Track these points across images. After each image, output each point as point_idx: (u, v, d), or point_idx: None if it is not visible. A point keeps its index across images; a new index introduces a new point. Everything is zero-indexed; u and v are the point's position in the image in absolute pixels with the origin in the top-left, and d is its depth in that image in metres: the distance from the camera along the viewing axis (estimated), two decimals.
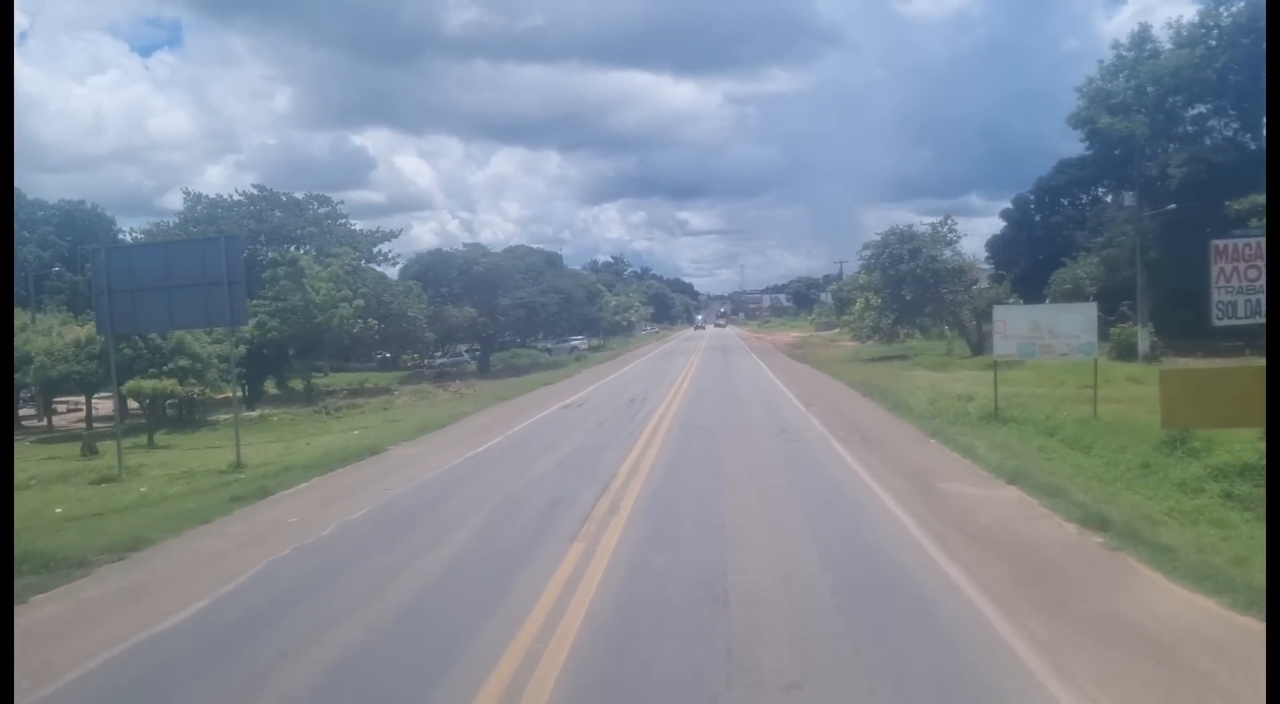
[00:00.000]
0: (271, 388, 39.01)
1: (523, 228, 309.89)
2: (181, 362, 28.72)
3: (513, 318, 55.93)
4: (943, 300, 40.97)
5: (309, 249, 41.63)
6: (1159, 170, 35.05)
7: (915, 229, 41.60)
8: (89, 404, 31.98)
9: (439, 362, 62.34)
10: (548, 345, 74.60)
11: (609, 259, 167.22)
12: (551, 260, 72.84)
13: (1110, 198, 50.28)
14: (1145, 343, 31.76)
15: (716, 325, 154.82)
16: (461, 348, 64.24)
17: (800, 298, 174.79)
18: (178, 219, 42.99)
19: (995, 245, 57.50)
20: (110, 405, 34.16)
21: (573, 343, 76.37)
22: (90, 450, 22.46)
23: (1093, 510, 9.23)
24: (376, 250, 45.36)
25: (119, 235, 64.03)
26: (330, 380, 50.09)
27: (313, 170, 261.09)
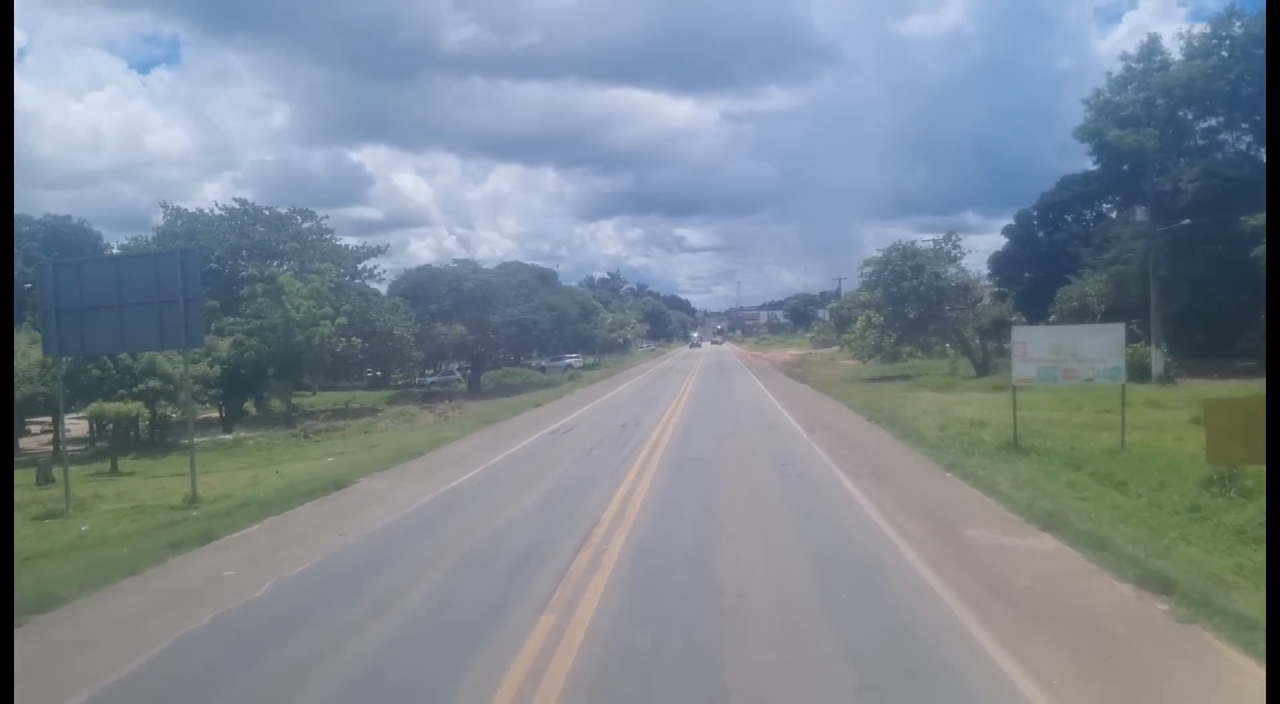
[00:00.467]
0: (252, 409, 37.62)
1: (520, 244, 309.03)
2: (153, 383, 27.31)
3: (504, 336, 54.57)
4: (946, 319, 39.72)
5: (290, 265, 40.23)
6: (1171, 185, 33.84)
7: (918, 245, 40.41)
8: (57, 427, 30.51)
9: (429, 380, 60.95)
10: (542, 363, 73.24)
11: (605, 275, 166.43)
12: (545, 277, 71.57)
13: (1116, 214, 49.19)
14: (1159, 364, 30.45)
15: (713, 342, 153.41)
16: (453, 366, 62.82)
17: (797, 315, 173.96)
18: (156, 234, 41.65)
19: (997, 262, 56.33)
20: (85, 426, 32.90)
21: (567, 361, 75.02)
22: (45, 479, 21.03)
23: (1149, 568, 7.94)
24: (362, 266, 44.01)
25: (105, 251, 62.65)
26: (316, 400, 48.71)
27: (310, 187, 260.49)
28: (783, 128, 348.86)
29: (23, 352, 29.64)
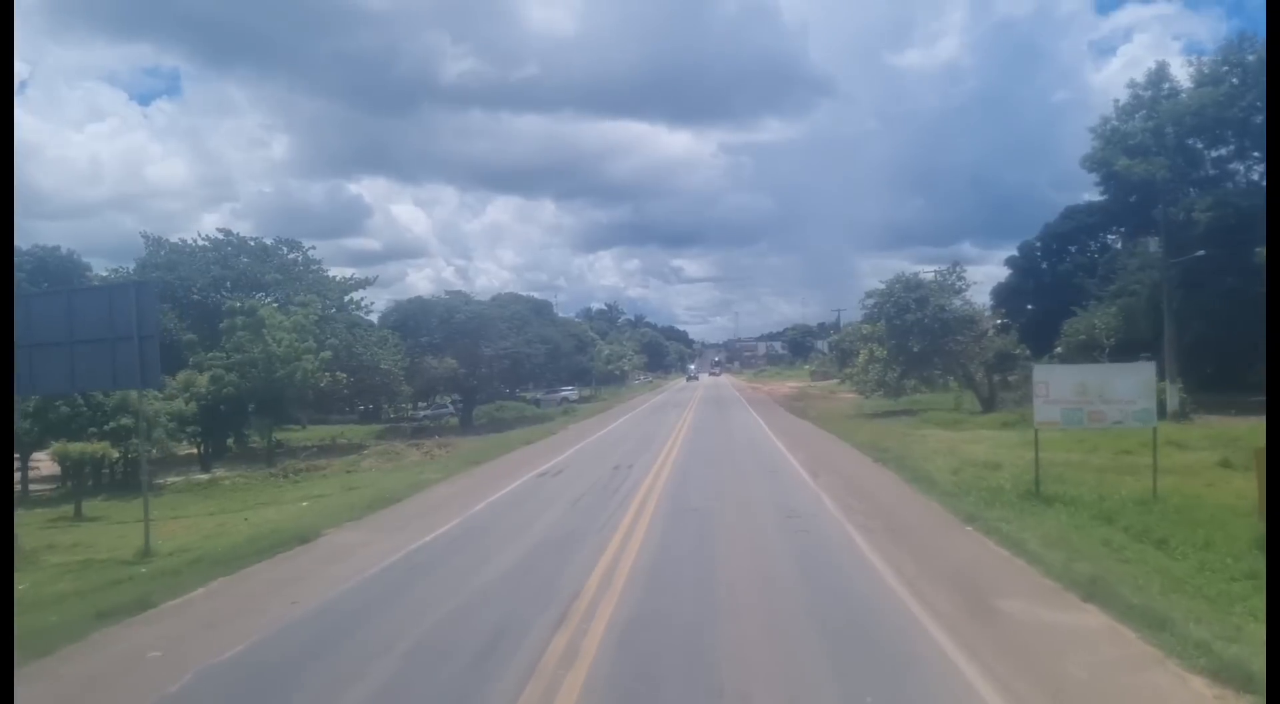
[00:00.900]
0: (235, 446, 36.33)
1: (518, 275, 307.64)
2: (124, 420, 26.07)
3: (497, 369, 53.32)
4: (951, 352, 38.57)
5: (275, 297, 39.05)
6: (1184, 215, 32.81)
7: (921, 277, 39.34)
8: (24, 468, 29.27)
9: (422, 414, 59.62)
10: (537, 396, 71.96)
11: (602, 307, 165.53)
12: (539, 309, 70.50)
13: (1122, 244, 48.23)
14: (1174, 400, 29.25)
15: (711, 374, 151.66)
16: (446, 400, 61.50)
17: (795, 346, 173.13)
18: (137, 265, 40.54)
19: (1000, 293, 55.24)
20: (54, 465, 31.60)
21: (563, 394, 73.74)
22: None
23: (1222, 656, 6.75)
24: (349, 299, 42.79)
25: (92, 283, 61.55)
26: (304, 435, 47.41)
27: (309, 218, 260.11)
28: (780, 159, 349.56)
29: None
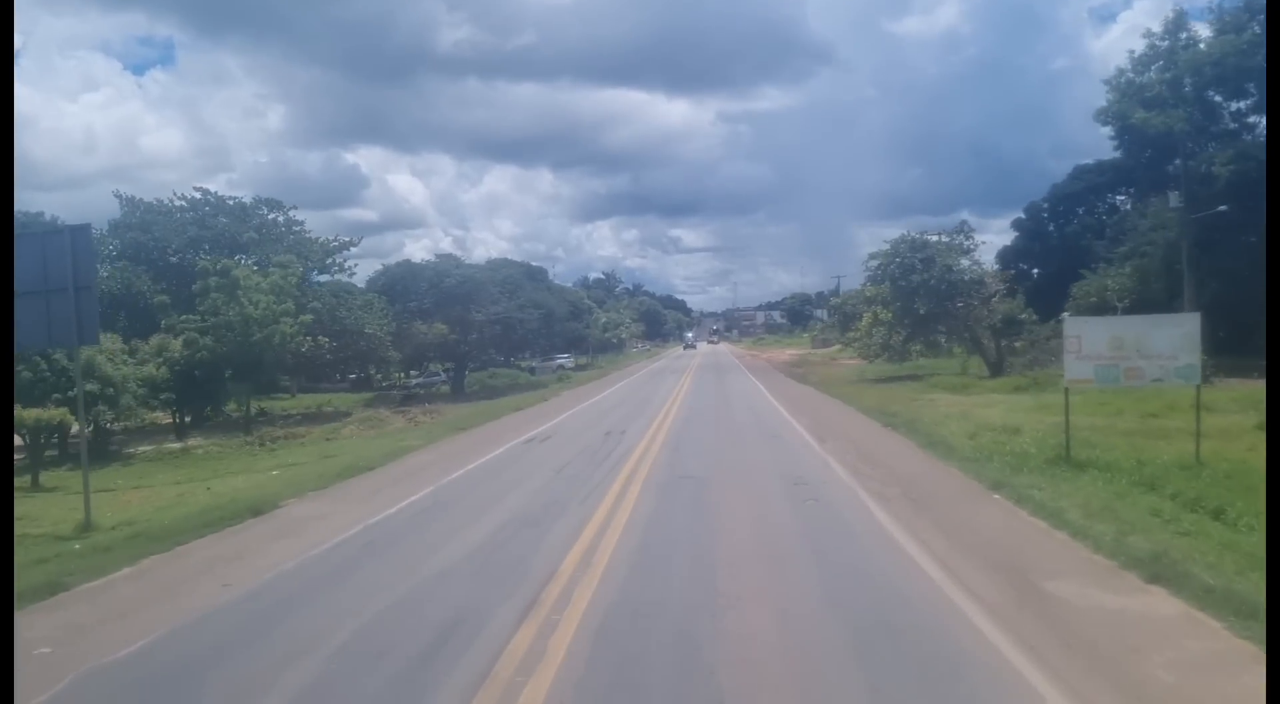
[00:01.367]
0: (213, 413, 34.96)
1: (516, 245, 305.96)
2: (89, 386, 24.62)
3: (489, 335, 51.79)
4: (958, 315, 37.15)
5: (253, 258, 37.45)
6: (1204, 168, 31.27)
7: (928, 238, 37.76)
8: None
9: (414, 382, 58.30)
10: (531, 364, 70.73)
11: (600, 275, 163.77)
12: (533, 274, 68.90)
13: (1132, 205, 46.65)
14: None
15: (709, 342, 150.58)
16: (439, 367, 60.15)
17: (795, 314, 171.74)
18: (109, 226, 38.92)
19: (1006, 256, 53.75)
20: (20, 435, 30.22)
21: (559, 361, 72.61)
22: None
23: None
24: (332, 260, 41.19)
25: None
26: (291, 403, 46.08)
27: (306, 188, 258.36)
28: (778, 128, 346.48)
29: None
